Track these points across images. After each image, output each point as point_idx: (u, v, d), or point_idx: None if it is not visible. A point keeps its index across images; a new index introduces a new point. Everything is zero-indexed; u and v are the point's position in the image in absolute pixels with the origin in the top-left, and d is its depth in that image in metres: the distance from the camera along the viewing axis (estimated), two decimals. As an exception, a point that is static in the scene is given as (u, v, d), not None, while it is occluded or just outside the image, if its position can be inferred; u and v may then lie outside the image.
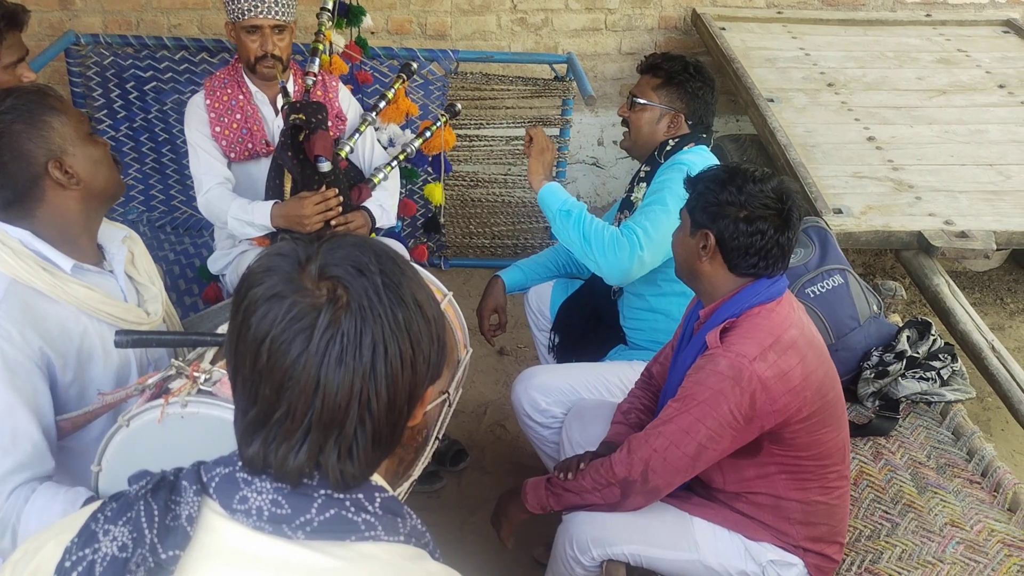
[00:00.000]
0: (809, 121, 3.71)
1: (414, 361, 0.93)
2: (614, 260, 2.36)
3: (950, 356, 2.58)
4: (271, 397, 0.90)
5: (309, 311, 0.89)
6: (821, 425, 1.91)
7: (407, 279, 0.95)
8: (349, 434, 0.91)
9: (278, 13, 2.67)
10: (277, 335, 0.89)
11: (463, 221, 4.18)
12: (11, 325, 1.52)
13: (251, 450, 0.92)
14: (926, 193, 3.29)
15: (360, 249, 0.94)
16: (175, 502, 0.93)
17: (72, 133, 1.61)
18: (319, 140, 2.55)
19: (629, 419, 2.20)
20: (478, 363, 3.57)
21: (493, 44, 4.43)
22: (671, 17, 4.55)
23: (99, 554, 0.90)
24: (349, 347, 0.89)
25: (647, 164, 2.57)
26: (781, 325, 1.88)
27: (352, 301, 0.90)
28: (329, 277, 0.90)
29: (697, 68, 2.51)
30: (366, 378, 0.90)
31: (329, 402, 0.89)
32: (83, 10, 4.07)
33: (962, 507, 2.19)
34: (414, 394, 0.96)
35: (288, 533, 0.92)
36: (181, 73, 3.74)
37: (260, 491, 0.92)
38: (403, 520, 0.99)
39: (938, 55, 4.27)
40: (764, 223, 1.86)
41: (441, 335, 0.98)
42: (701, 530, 2.02)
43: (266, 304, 0.89)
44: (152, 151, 3.88)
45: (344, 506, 0.94)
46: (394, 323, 0.91)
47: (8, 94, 1.59)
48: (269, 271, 0.91)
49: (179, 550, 0.90)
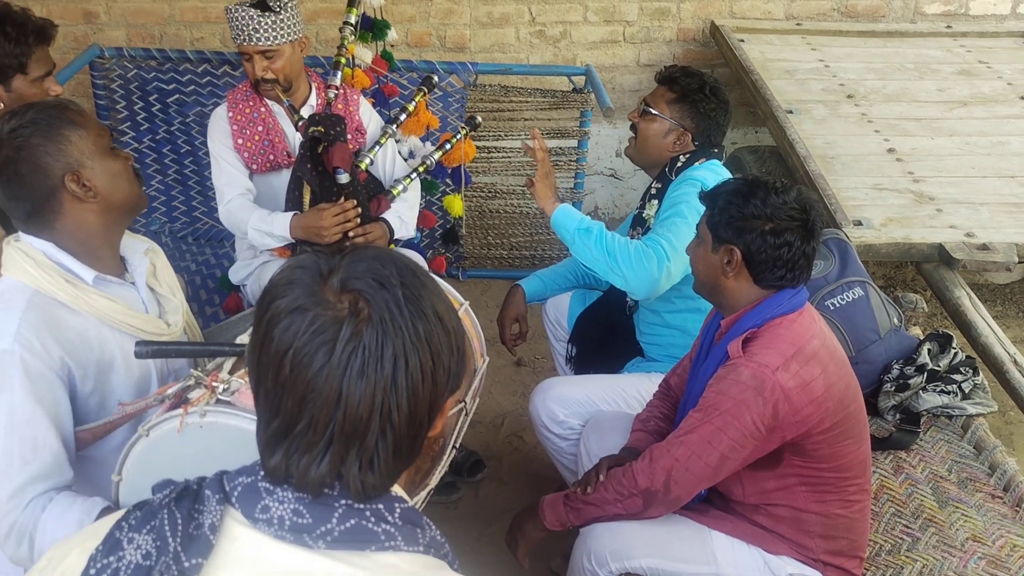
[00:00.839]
0: (829, 133, 3.70)
1: (434, 373, 0.94)
2: (643, 272, 2.33)
3: (971, 369, 2.55)
4: (293, 409, 0.91)
5: (331, 324, 0.90)
6: (843, 437, 1.90)
7: (427, 291, 0.96)
8: (370, 446, 0.92)
9: (260, 40, 2.67)
10: (299, 348, 0.90)
11: (481, 232, 4.19)
12: (33, 335, 1.54)
13: (273, 460, 0.93)
14: (947, 205, 3.26)
15: (381, 262, 0.95)
16: (198, 511, 0.94)
17: (91, 147, 1.62)
18: (337, 152, 2.57)
19: (648, 427, 2.20)
20: (496, 374, 3.57)
21: (512, 56, 4.45)
22: (690, 29, 4.56)
23: (123, 562, 0.92)
24: (371, 360, 0.90)
25: (658, 180, 2.57)
26: (803, 336, 1.87)
27: (374, 314, 0.91)
28: (351, 290, 0.92)
29: (714, 89, 2.49)
30: (387, 390, 0.91)
31: (351, 414, 0.90)
32: (107, 24, 4.13)
33: (984, 522, 2.17)
34: (434, 405, 0.96)
35: (309, 543, 0.92)
36: (203, 86, 3.78)
37: (282, 500, 0.93)
38: (423, 531, 0.99)
39: (959, 67, 4.25)
40: (791, 234, 1.86)
41: (461, 346, 0.99)
42: (720, 543, 2.00)
43: (288, 317, 0.91)
44: (174, 163, 3.93)
45: (365, 516, 0.95)
46: (415, 336, 0.92)
47: (29, 108, 1.61)
48: (291, 284, 0.92)
49: (202, 558, 0.91)
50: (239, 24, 2.65)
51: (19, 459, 1.53)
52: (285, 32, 2.70)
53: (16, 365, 1.52)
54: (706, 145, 2.52)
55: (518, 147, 4.07)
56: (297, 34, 2.75)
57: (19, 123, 1.57)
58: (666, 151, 2.53)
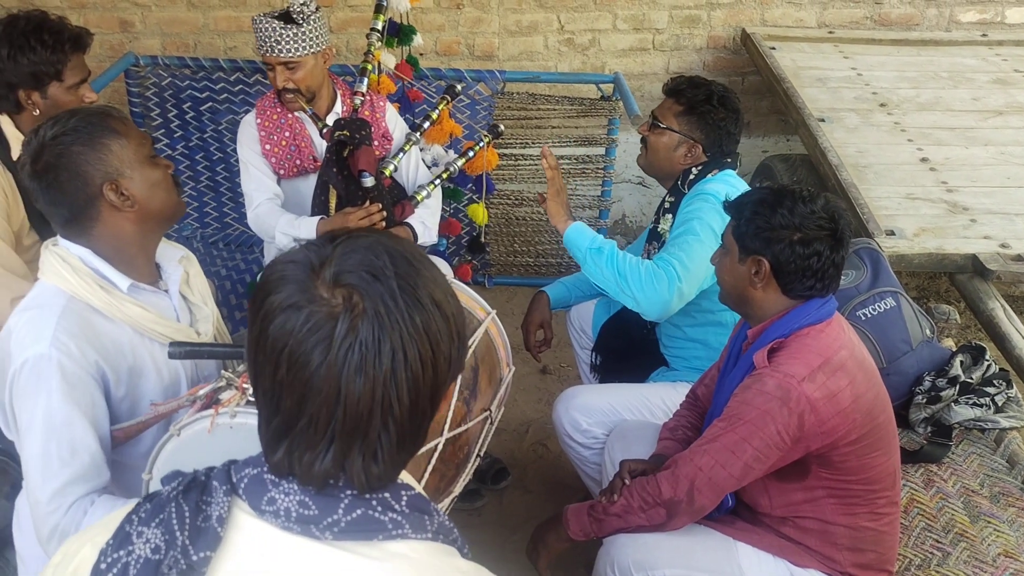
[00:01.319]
0: (861, 141, 3.65)
1: (435, 362, 0.93)
2: (653, 294, 2.30)
3: (1005, 382, 2.51)
4: (293, 408, 0.90)
5: (326, 321, 0.88)
6: (871, 449, 1.87)
7: (423, 279, 0.94)
8: (373, 439, 0.91)
9: (283, 52, 2.70)
10: (296, 347, 0.88)
11: (507, 239, 4.19)
12: (69, 339, 1.56)
13: (276, 457, 0.92)
14: (981, 215, 3.21)
15: (374, 252, 0.93)
16: (206, 503, 0.94)
17: (131, 156, 1.63)
18: (363, 155, 2.59)
19: (676, 435, 2.18)
20: (520, 381, 3.57)
21: (540, 64, 4.46)
22: (720, 37, 4.54)
23: (133, 556, 0.92)
24: (369, 355, 0.88)
25: (671, 194, 2.54)
26: (831, 346, 1.85)
27: (369, 308, 0.89)
28: (344, 284, 0.90)
29: (722, 99, 2.45)
30: (387, 384, 0.90)
31: (351, 411, 0.89)
32: (143, 32, 4.20)
33: (1016, 537, 2.13)
34: (437, 393, 0.96)
35: (316, 534, 0.92)
36: (236, 94, 3.83)
37: (287, 492, 0.93)
38: (430, 517, 0.99)
39: (994, 75, 4.19)
40: (820, 244, 1.84)
41: (461, 331, 0.97)
42: (745, 555, 1.98)
43: (283, 315, 0.89)
44: (207, 169, 3.98)
45: (371, 506, 0.94)
46: (412, 327, 0.90)
47: (73, 115, 1.62)
48: (283, 280, 0.91)
49: (210, 551, 0.91)
50: (263, 35, 2.69)
51: (58, 460, 1.55)
52: (308, 44, 2.72)
53: (53, 369, 1.54)
54: (718, 155, 2.49)
55: (546, 155, 4.07)
56: (320, 46, 2.76)
57: (61, 130, 1.58)
58: (677, 164, 2.50)
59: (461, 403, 1.80)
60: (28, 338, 1.56)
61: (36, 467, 1.56)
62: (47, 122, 1.61)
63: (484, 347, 1.99)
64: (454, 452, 1.77)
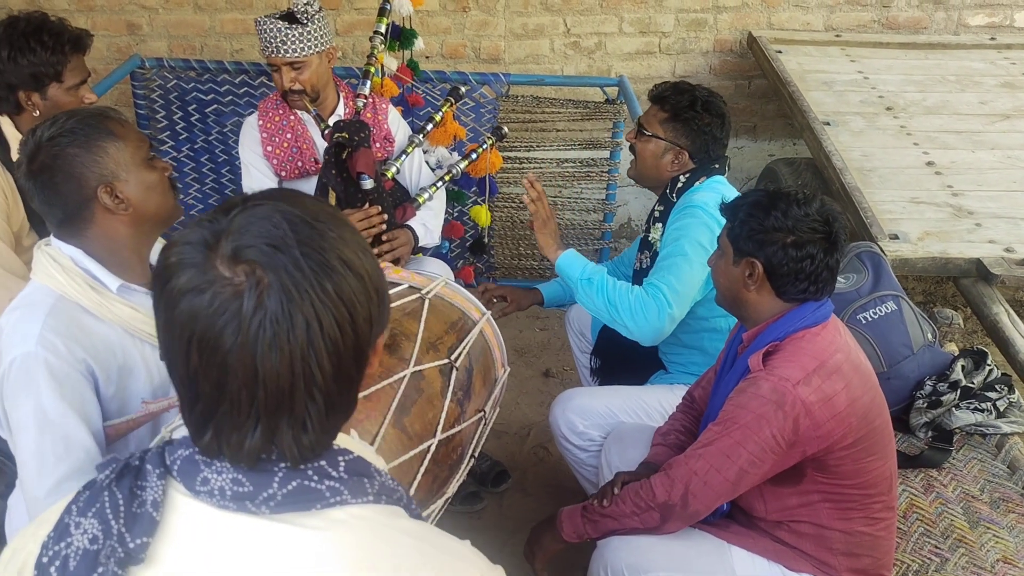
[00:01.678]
0: (866, 145, 3.64)
1: (354, 325, 0.90)
2: (644, 323, 2.31)
3: (1007, 387, 2.49)
4: (212, 392, 0.88)
5: (232, 300, 0.85)
6: (867, 453, 1.86)
7: (329, 241, 0.90)
8: (300, 412, 0.89)
9: (288, 52, 2.71)
10: (204, 330, 0.86)
11: (512, 243, 4.19)
12: (56, 338, 1.56)
13: (204, 440, 0.91)
14: (986, 219, 3.19)
15: (272, 222, 0.88)
16: (140, 487, 0.92)
17: (128, 159, 1.63)
18: (361, 157, 2.60)
19: (668, 440, 2.17)
20: (523, 385, 3.57)
21: (546, 68, 4.46)
22: (726, 40, 4.53)
23: (72, 548, 0.90)
24: (281, 329, 0.85)
25: (660, 203, 2.53)
26: (826, 349, 1.84)
27: (274, 281, 0.85)
28: (245, 260, 0.86)
29: (706, 104, 2.43)
30: (306, 356, 0.87)
31: (272, 387, 0.87)
32: (150, 35, 4.22)
33: (1015, 543, 2.11)
34: (361, 355, 0.93)
35: (253, 509, 0.90)
36: (241, 96, 3.85)
37: (220, 471, 0.91)
38: (370, 480, 0.96)
39: (1002, 79, 4.16)
40: (813, 247, 1.83)
41: (379, 286, 0.94)
42: (739, 559, 1.97)
43: (186, 300, 0.86)
44: (212, 171, 3.99)
45: (307, 476, 0.92)
46: (323, 294, 0.87)
47: (71, 116, 1.62)
48: (181, 263, 0.87)
49: (147, 537, 0.90)
50: (268, 36, 2.70)
51: (53, 457, 1.55)
52: (312, 44, 2.73)
53: (40, 367, 1.55)
54: (706, 161, 2.47)
55: (550, 158, 4.07)
56: (324, 45, 2.78)
57: (58, 131, 1.59)
58: (665, 171, 2.48)
59: (455, 404, 1.80)
60: (16, 337, 1.57)
61: (31, 465, 1.56)
62: (44, 122, 1.61)
63: (479, 348, 1.99)
64: (447, 453, 1.77)
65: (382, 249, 2.70)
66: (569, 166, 4.08)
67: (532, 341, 3.88)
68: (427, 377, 1.74)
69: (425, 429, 1.70)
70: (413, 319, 1.84)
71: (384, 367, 1.66)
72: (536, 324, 3.98)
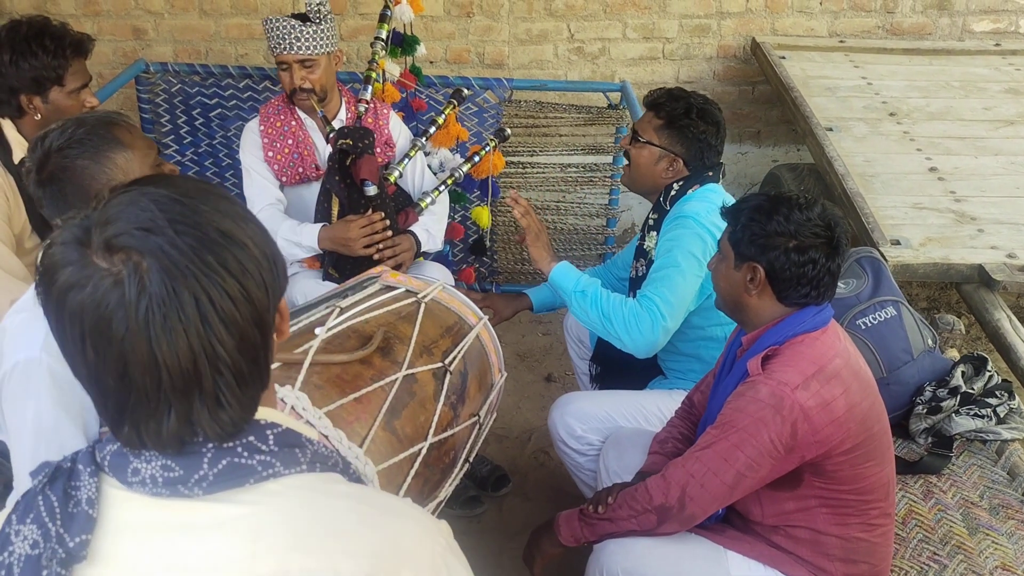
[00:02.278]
0: (869, 151, 3.63)
1: (247, 293, 0.88)
2: (638, 336, 2.30)
3: (1007, 393, 2.47)
4: (116, 385, 0.87)
5: (114, 289, 0.84)
6: (865, 459, 1.85)
7: (202, 214, 0.88)
8: (210, 388, 0.88)
9: (300, 49, 2.73)
10: (93, 325, 0.85)
11: (515, 248, 4.20)
12: None
13: (124, 434, 0.90)
14: (989, 225, 3.18)
15: (139, 205, 0.87)
16: (74, 487, 0.92)
17: (136, 168, 1.63)
18: (365, 164, 2.61)
19: (666, 448, 2.17)
20: (524, 389, 3.57)
21: (550, 73, 4.47)
22: (730, 46, 4.53)
23: (14, 556, 0.90)
24: (170, 311, 0.84)
25: (655, 211, 2.52)
26: (825, 354, 1.83)
27: (152, 264, 0.84)
28: (119, 248, 0.85)
29: (701, 111, 2.41)
30: (201, 333, 0.86)
31: (175, 370, 0.86)
32: (155, 40, 4.25)
33: (1015, 550, 2.09)
34: (263, 321, 0.91)
35: (186, 492, 0.90)
36: (245, 101, 3.86)
37: (148, 460, 0.91)
38: (302, 449, 0.96)
39: (1007, 85, 4.15)
40: (815, 252, 1.82)
41: (267, 250, 0.92)
42: (736, 564, 1.96)
43: (70, 296, 0.85)
44: (216, 175, 4.01)
45: (236, 453, 0.92)
46: (206, 267, 0.86)
47: (80, 124, 1.62)
48: (58, 264, 0.86)
49: (86, 534, 0.89)
50: (280, 33, 2.71)
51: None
52: (323, 43, 2.76)
53: (43, 373, 1.54)
54: (700, 169, 2.45)
55: (553, 163, 4.08)
56: (333, 46, 2.81)
57: (67, 141, 1.59)
58: (659, 178, 2.47)
59: (448, 408, 1.80)
60: (20, 341, 1.57)
61: (26, 471, 1.56)
62: (54, 129, 1.62)
63: (475, 353, 1.99)
64: (439, 457, 1.77)
65: (384, 255, 2.71)
66: (572, 171, 4.08)
67: (534, 345, 3.88)
68: (420, 380, 1.74)
69: (416, 432, 1.70)
70: (408, 323, 1.85)
71: (376, 369, 1.67)
72: (539, 329, 3.98)
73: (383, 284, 2.01)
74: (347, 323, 1.78)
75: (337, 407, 1.56)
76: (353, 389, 1.60)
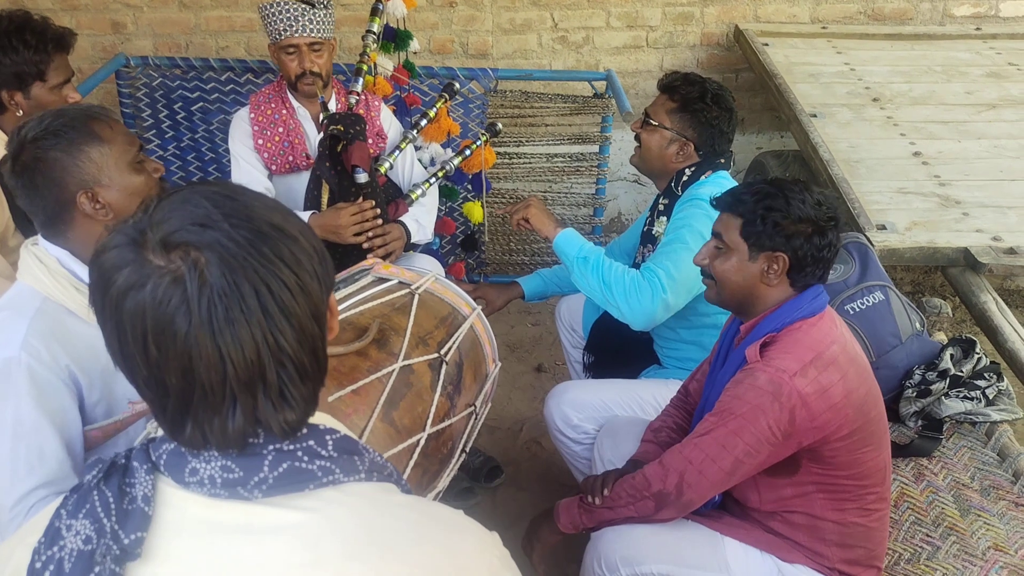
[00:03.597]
0: (853, 136, 3.65)
1: (302, 284, 0.89)
2: (637, 305, 2.29)
3: (996, 375, 2.49)
4: (180, 383, 0.87)
5: (175, 286, 0.84)
6: (862, 444, 1.86)
7: (254, 209, 0.90)
8: (273, 380, 0.88)
9: (313, 31, 2.73)
10: (156, 322, 0.84)
11: (503, 238, 4.19)
12: (40, 343, 1.54)
13: (186, 434, 0.90)
14: (974, 209, 3.20)
15: (191, 203, 0.88)
16: (129, 484, 0.91)
17: (112, 163, 1.59)
18: (356, 151, 2.59)
19: (659, 437, 2.17)
20: (516, 380, 3.57)
21: (534, 63, 4.45)
22: (713, 34, 4.53)
23: (65, 550, 0.90)
24: (232, 303, 0.85)
25: (665, 196, 2.52)
26: (822, 341, 1.83)
27: (211, 257, 0.85)
28: (177, 245, 0.85)
29: (716, 96, 2.41)
30: (263, 324, 0.86)
31: (239, 362, 0.86)
32: (135, 34, 4.20)
33: (1006, 530, 2.12)
34: (318, 312, 0.92)
35: (245, 495, 0.90)
36: (227, 94, 3.83)
37: (208, 460, 0.91)
38: (360, 457, 0.96)
39: (988, 69, 4.18)
40: (831, 233, 1.84)
41: (315, 243, 0.93)
42: (732, 551, 1.97)
43: (128, 298, 0.85)
44: (199, 170, 3.98)
45: (296, 457, 0.92)
46: (263, 259, 0.87)
47: (58, 116, 1.59)
48: (114, 267, 0.86)
49: (141, 532, 0.89)
50: (288, 17, 2.69)
51: (25, 466, 1.53)
52: (329, 28, 2.79)
53: (22, 373, 1.52)
54: (711, 155, 2.45)
55: (540, 153, 4.07)
56: (333, 34, 2.84)
57: (43, 132, 1.56)
58: (670, 162, 2.47)
59: (444, 398, 1.79)
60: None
61: (3, 473, 1.54)
62: (33, 120, 1.59)
63: (469, 343, 1.98)
64: (438, 447, 1.77)
65: (374, 244, 2.69)
66: (559, 161, 4.07)
67: (524, 336, 3.88)
68: (416, 371, 1.74)
69: (414, 423, 1.69)
70: (402, 314, 1.84)
71: (373, 361, 1.66)
72: (528, 319, 3.98)
73: (376, 276, 2.00)
74: (342, 315, 1.76)
75: (335, 399, 1.55)
76: (350, 381, 1.59)
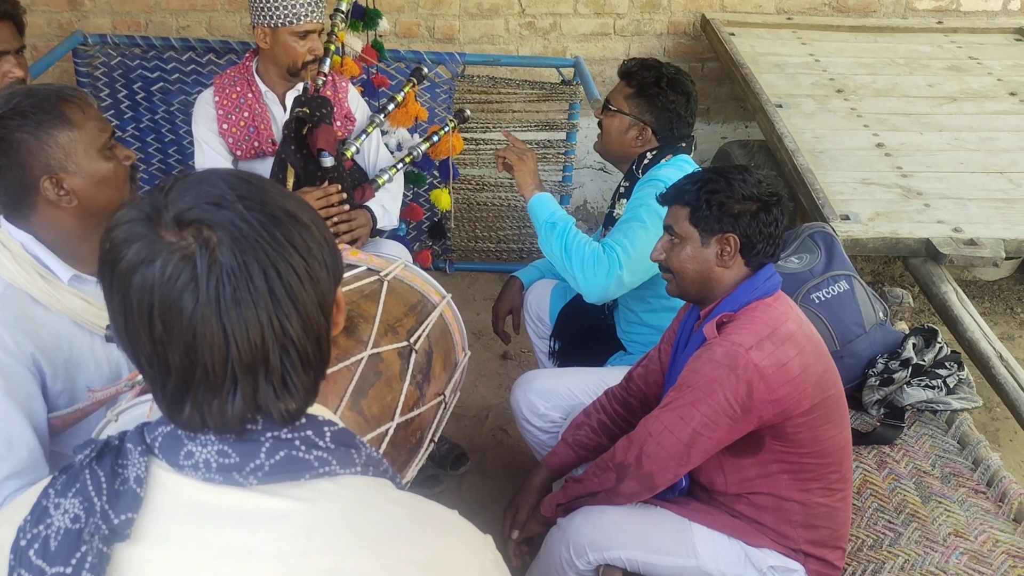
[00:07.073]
0: (818, 127, 3.68)
1: (311, 271, 0.89)
2: (592, 278, 2.33)
3: (956, 364, 2.54)
4: (183, 362, 0.86)
5: (184, 263, 0.84)
6: (823, 420, 1.89)
7: (269, 193, 0.90)
8: (276, 365, 0.88)
9: (320, 17, 2.71)
10: (163, 299, 0.84)
11: (469, 225, 4.16)
12: (5, 330, 1.50)
13: (184, 416, 0.88)
14: (935, 200, 3.25)
15: (208, 183, 0.88)
16: (122, 465, 0.90)
17: (80, 149, 1.54)
18: (322, 134, 2.54)
19: (577, 436, 2.23)
20: (481, 367, 3.55)
21: (501, 48, 4.42)
22: (680, 23, 4.54)
23: (52, 528, 0.88)
24: (240, 282, 0.84)
25: (626, 179, 2.55)
26: (778, 318, 1.88)
27: (223, 237, 0.84)
28: (190, 222, 0.85)
29: (672, 81, 2.44)
30: (269, 307, 0.86)
31: (243, 343, 0.85)
32: (92, 11, 4.09)
33: (967, 517, 2.16)
34: (324, 302, 0.91)
35: (240, 480, 0.89)
36: (188, 74, 3.75)
37: (205, 444, 0.89)
38: (357, 451, 0.96)
39: (949, 62, 4.24)
40: (777, 210, 1.90)
41: (327, 234, 0.93)
42: (700, 536, 1.99)
43: (137, 274, 0.84)
44: (159, 151, 3.89)
45: (294, 446, 0.91)
46: (274, 242, 0.86)
47: (28, 95, 1.53)
48: (125, 242, 0.86)
49: (132, 513, 0.88)
50: (302, 2, 2.63)
51: None
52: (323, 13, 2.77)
53: None
54: (670, 139, 2.48)
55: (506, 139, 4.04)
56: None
57: (10, 112, 1.50)
58: (629, 147, 2.51)
59: (414, 387, 1.77)
60: None
61: None
62: (1, 97, 1.53)
63: (439, 331, 1.96)
64: (406, 437, 1.75)
65: (340, 229, 2.66)
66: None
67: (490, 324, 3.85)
68: (385, 360, 1.71)
69: (383, 412, 1.67)
70: (371, 301, 1.81)
71: (341, 349, 1.63)
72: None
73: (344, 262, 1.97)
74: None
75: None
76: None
